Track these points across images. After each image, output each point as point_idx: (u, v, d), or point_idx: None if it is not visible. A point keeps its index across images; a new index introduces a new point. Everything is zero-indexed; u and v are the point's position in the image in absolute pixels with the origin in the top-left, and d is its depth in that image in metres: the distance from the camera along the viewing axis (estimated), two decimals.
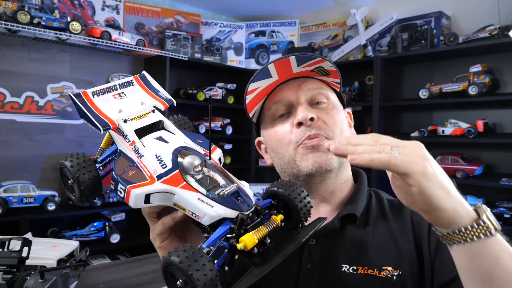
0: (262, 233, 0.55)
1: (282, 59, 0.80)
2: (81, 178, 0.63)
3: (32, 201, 2.73)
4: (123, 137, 0.66)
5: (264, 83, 0.85)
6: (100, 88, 0.69)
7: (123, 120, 0.66)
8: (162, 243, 0.70)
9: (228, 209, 0.56)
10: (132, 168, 0.62)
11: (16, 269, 1.11)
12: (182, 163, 0.60)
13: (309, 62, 0.82)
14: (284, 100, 0.86)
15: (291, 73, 0.84)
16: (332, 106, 0.88)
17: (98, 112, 0.65)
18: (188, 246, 0.49)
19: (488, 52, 2.86)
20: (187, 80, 3.81)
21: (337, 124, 0.85)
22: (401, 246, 0.81)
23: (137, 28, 3.49)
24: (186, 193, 0.57)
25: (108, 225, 3.04)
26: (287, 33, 4.04)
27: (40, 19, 2.69)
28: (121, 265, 1.75)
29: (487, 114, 2.90)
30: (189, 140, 0.67)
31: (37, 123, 3.03)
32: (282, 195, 0.64)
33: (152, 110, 0.70)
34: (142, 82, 0.75)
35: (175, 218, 0.65)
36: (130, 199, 0.58)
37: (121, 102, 0.69)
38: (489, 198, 2.82)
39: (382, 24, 3.26)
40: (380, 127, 3.21)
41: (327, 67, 0.84)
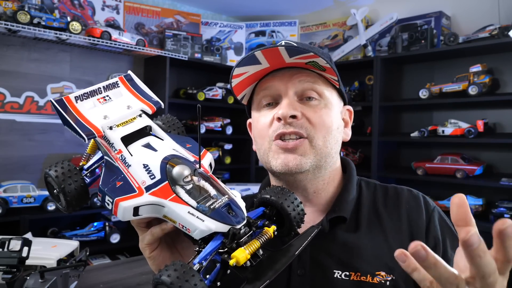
0: (254, 247, 0.54)
1: (270, 48, 0.75)
2: (66, 189, 0.60)
3: (32, 201, 2.73)
4: (109, 145, 0.63)
5: (253, 69, 0.80)
6: (84, 92, 0.65)
7: (108, 127, 0.63)
8: (152, 253, 0.68)
9: (219, 224, 0.54)
10: (120, 179, 0.59)
11: (16, 269, 1.11)
12: (171, 173, 0.57)
13: (302, 55, 0.76)
14: (272, 89, 0.82)
15: (283, 62, 0.79)
16: (323, 105, 0.81)
17: (82, 119, 0.62)
18: (179, 264, 0.48)
19: (488, 52, 2.86)
20: (187, 80, 3.81)
21: (324, 125, 0.80)
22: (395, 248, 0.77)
23: (137, 28, 3.49)
24: (176, 206, 0.55)
25: (108, 225, 3.04)
26: (287, 33, 4.04)
27: (40, 19, 2.69)
28: (121, 265, 1.75)
29: (487, 114, 2.90)
30: (178, 146, 0.64)
31: (37, 123, 3.03)
32: (275, 204, 0.62)
33: (139, 114, 0.67)
34: (128, 84, 0.71)
35: (164, 229, 0.62)
36: (118, 212, 0.56)
37: (106, 107, 0.65)
38: (489, 198, 2.82)
39: (382, 24, 3.26)
40: (380, 127, 3.21)
41: (321, 63, 0.78)
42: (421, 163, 3.01)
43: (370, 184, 0.91)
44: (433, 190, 3.09)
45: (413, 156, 3.24)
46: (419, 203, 0.84)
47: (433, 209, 0.84)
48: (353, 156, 3.48)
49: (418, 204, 0.84)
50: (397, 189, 0.88)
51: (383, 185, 0.91)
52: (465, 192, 3.08)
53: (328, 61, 0.77)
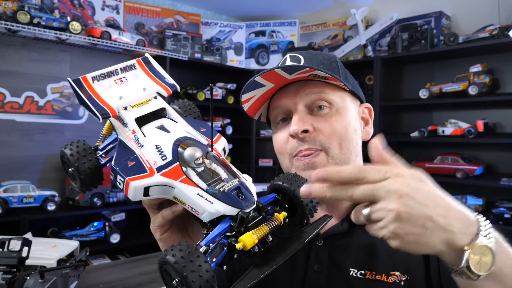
0: (262, 232, 0.53)
1: (268, 72, 0.77)
2: (80, 167, 0.61)
3: (32, 201, 2.73)
4: (124, 125, 0.63)
5: (260, 92, 0.83)
6: (101, 73, 0.65)
7: (123, 107, 0.63)
8: (163, 235, 0.68)
9: (228, 206, 0.54)
10: (132, 159, 0.59)
11: (16, 269, 1.11)
12: (182, 155, 0.57)
13: (300, 71, 0.77)
14: (283, 107, 0.84)
15: (286, 80, 0.81)
16: (335, 111, 0.82)
17: (98, 98, 0.62)
18: (184, 245, 0.48)
19: (488, 52, 2.86)
20: (187, 80, 3.81)
21: (337, 133, 0.80)
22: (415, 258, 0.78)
23: (137, 28, 3.49)
24: (186, 187, 0.55)
25: (108, 225, 3.04)
26: (287, 33, 4.04)
27: (40, 19, 2.69)
28: (121, 265, 1.75)
29: (487, 114, 2.90)
30: (192, 129, 0.64)
31: (37, 123, 3.03)
32: (287, 190, 0.61)
33: (154, 96, 0.67)
34: (145, 66, 0.71)
35: (175, 211, 0.63)
36: (129, 192, 0.56)
37: (122, 88, 0.66)
38: (489, 198, 2.82)
39: (382, 24, 3.26)
40: (380, 127, 3.21)
41: (321, 74, 0.78)
42: (421, 163, 3.01)
43: None
44: None
45: (413, 156, 3.24)
46: None
47: None
48: None
49: None
50: None
51: None
52: (465, 192, 3.09)
53: (326, 71, 0.76)
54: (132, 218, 3.36)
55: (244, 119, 3.99)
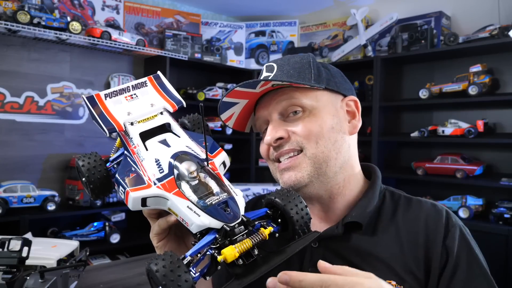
0: (245, 246, 0.55)
1: (231, 91, 0.80)
2: (91, 178, 0.66)
3: (32, 201, 2.73)
4: (129, 139, 0.68)
5: (237, 109, 0.85)
6: (113, 90, 0.71)
7: (130, 123, 0.68)
8: (159, 243, 0.72)
9: (213, 220, 0.56)
10: (134, 171, 0.64)
11: (16, 269, 1.11)
12: (178, 168, 0.61)
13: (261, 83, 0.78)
14: (262, 118, 0.86)
15: (256, 94, 0.82)
16: (308, 113, 0.81)
17: (108, 114, 0.68)
18: (168, 255, 0.50)
19: (488, 52, 2.86)
20: (187, 80, 3.81)
21: (311, 133, 0.80)
22: (409, 263, 0.77)
23: (137, 28, 3.49)
24: (178, 200, 0.58)
25: (108, 225, 3.04)
26: (287, 33, 4.04)
27: (40, 19, 2.69)
28: (121, 265, 1.75)
29: (487, 114, 2.90)
30: (194, 143, 0.68)
31: (37, 123, 3.03)
32: (278, 205, 0.63)
33: (160, 112, 0.71)
34: (155, 83, 0.76)
35: (169, 221, 0.66)
36: (129, 202, 0.60)
37: (131, 104, 0.71)
38: (489, 198, 2.82)
39: (382, 24, 3.26)
40: (380, 127, 3.21)
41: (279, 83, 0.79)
42: (421, 163, 3.01)
43: (395, 195, 0.90)
44: (433, 190, 3.09)
45: (413, 156, 3.24)
46: (439, 217, 0.82)
47: (454, 224, 0.82)
48: None
49: (439, 218, 0.82)
50: (421, 202, 0.87)
51: (408, 196, 0.90)
52: (465, 192, 3.10)
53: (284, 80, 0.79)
54: (132, 218, 3.36)
55: None
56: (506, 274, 2.48)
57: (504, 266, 2.49)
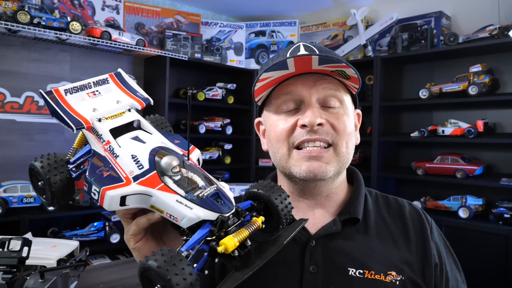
0: (243, 236, 0.54)
1: (305, 56, 0.76)
2: (52, 180, 0.60)
3: (32, 201, 2.73)
4: (97, 136, 0.63)
5: (278, 73, 0.80)
6: (73, 86, 0.66)
7: (97, 119, 0.63)
8: (137, 244, 0.67)
9: (208, 211, 0.54)
10: (107, 169, 0.59)
11: (16, 269, 1.11)
12: (159, 163, 0.58)
13: (331, 65, 0.77)
14: (295, 94, 0.81)
15: (309, 68, 0.79)
16: (343, 111, 0.83)
17: (71, 110, 0.62)
18: (166, 250, 0.48)
19: (488, 52, 2.86)
20: (187, 80, 3.81)
21: (346, 132, 0.82)
22: (404, 254, 0.82)
23: (137, 28, 3.49)
24: (164, 194, 0.55)
25: (108, 225, 3.04)
26: (287, 33, 4.04)
27: (40, 19, 2.69)
28: (121, 265, 1.75)
29: (487, 114, 2.90)
30: (167, 140, 0.65)
31: (37, 123, 3.03)
32: (262, 196, 0.62)
33: (128, 109, 0.67)
34: (117, 81, 0.71)
35: (151, 219, 0.62)
36: (105, 202, 0.56)
37: (95, 101, 0.66)
38: (489, 198, 2.82)
39: (382, 24, 3.26)
40: (380, 127, 3.21)
41: (349, 72, 0.79)
42: (421, 163, 3.01)
43: (372, 193, 0.94)
44: (433, 190, 3.09)
45: (413, 156, 3.24)
46: (420, 216, 0.89)
47: (431, 221, 0.90)
48: (353, 156, 3.47)
49: (420, 216, 0.89)
50: (397, 200, 0.93)
51: (383, 194, 0.95)
52: (465, 192, 3.09)
53: (355, 72, 0.78)
54: None
55: (244, 119, 3.99)
56: (506, 274, 2.48)
57: (504, 266, 2.49)
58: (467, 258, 2.68)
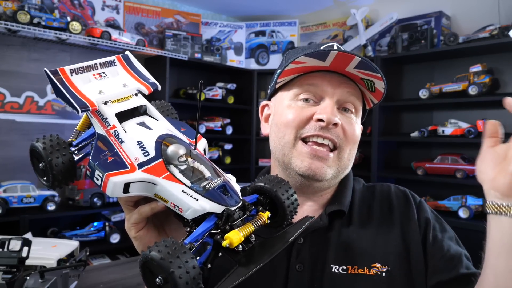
0: (248, 230, 0.53)
1: (348, 54, 0.75)
2: (53, 162, 0.57)
3: (32, 201, 2.73)
4: (103, 120, 0.60)
5: (314, 62, 0.79)
6: (80, 66, 0.63)
7: (103, 102, 0.60)
8: (138, 233, 0.66)
9: (214, 204, 0.53)
10: (111, 154, 0.57)
11: (16, 269, 1.11)
12: (166, 151, 0.56)
13: (367, 72, 0.78)
14: (319, 88, 0.81)
15: (343, 68, 0.79)
16: (355, 120, 0.84)
17: (77, 91, 0.59)
18: (170, 241, 0.46)
19: (488, 52, 2.86)
20: (187, 80, 3.81)
21: (353, 139, 0.83)
22: (388, 241, 0.81)
23: (137, 28, 3.49)
24: (169, 184, 0.54)
25: (108, 225, 3.04)
26: (287, 33, 4.04)
27: (40, 19, 2.68)
28: (121, 265, 1.75)
29: (487, 114, 2.90)
30: (173, 128, 0.63)
31: (37, 123, 3.03)
32: (269, 191, 0.61)
33: (135, 93, 0.65)
34: (125, 63, 0.69)
35: (154, 208, 0.61)
36: (108, 188, 0.54)
37: (101, 83, 0.63)
38: None
39: (382, 24, 3.26)
40: (380, 127, 3.21)
41: (378, 85, 0.80)
42: (421, 163, 3.01)
43: (360, 182, 0.95)
44: (433, 190, 3.09)
45: (413, 156, 3.24)
46: (407, 196, 0.89)
47: (419, 200, 0.89)
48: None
49: (406, 197, 0.89)
50: (383, 185, 0.93)
51: (370, 184, 0.96)
52: (465, 192, 3.09)
53: (384, 86, 0.79)
54: None
55: (244, 119, 3.99)
56: None
57: None
58: None
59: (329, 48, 0.80)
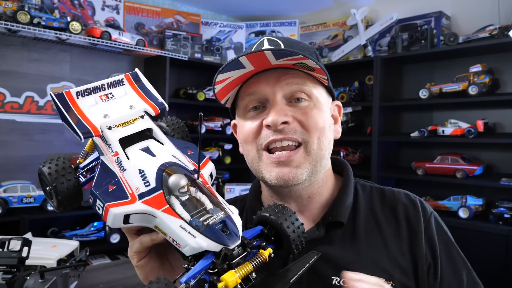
0: (246, 270, 0.51)
1: (256, 53, 0.70)
2: (58, 188, 0.57)
3: (32, 201, 2.73)
4: (107, 145, 0.60)
5: (237, 73, 0.75)
6: (86, 88, 0.62)
7: (107, 127, 0.60)
8: (140, 262, 0.65)
9: (211, 242, 0.51)
10: (113, 183, 0.57)
11: (16, 269, 1.11)
12: (167, 182, 0.54)
13: (289, 58, 0.72)
14: (259, 94, 0.77)
15: (268, 64, 0.74)
16: (313, 105, 0.77)
17: (81, 116, 0.59)
18: (163, 282, 0.46)
19: (488, 52, 2.86)
20: (187, 80, 3.81)
21: (317, 127, 0.76)
22: (395, 256, 0.77)
23: (137, 28, 3.49)
24: (168, 218, 0.52)
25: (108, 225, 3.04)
26: (287, 33, 4.04)
27: (40, 19, 2.69)
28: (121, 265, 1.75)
29: (487, 114, 2.90)
30: (179, 153, 0.62)
31: (37, 123, 3.03)
32: (274, 223, 0.59)
33: (141, 115, 0.64)
34: (133, 82, 0.68)
35: (154, 240, 0.60)
36: (108, 218, 0.54)
37: (107, 105, 0.62)
38: (489, 198, 2.82)
39: (382, 24, 3.26)
40: (380, 127, 3.21)
41: (311, 64, 0.73)
42: (421, 163, 3.01)
43: (366, 187, 0.88)
44: (433, 190, 3.09)
45: (413, 156, 3.24)
46: (417, 208, 0.82)
47: (430, 214, 0.83)
48: (353, 156, 3.48)
49: (416, 209, 0.82)
50: (394, 192, 0.86)
51: (379, 187, 0.88)
52: (465, 192, 3.09)
53: (316, 62, 0.72)
54: None
55: None
56: (506, 274, 2.48)
57: (504, 266, 2.49)
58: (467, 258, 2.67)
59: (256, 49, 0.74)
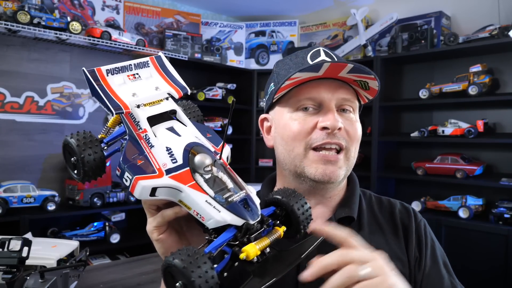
0: (264, 244, 0.55)
1: (340, 63, 0.79)
2: (86, 159, 0.60)
3: (32, 201, 2.73)
4: (135, 123, 0.63)
5: (306, 75, 0.82)
6: (115, 67, 0.65)
7: (136, 105, 0.63)
8: (160, 236, 0.68)
9: (235, 217, 0.55)
10: (141, 158, 0.60)
11: (16, 269, 1.11)
12: (193, 160, 0.58)
13: (360, 75, 0.81)
14: (317, 98, 0.84)
15: (336, 74, 0.82)
16: (356, 118, 0.87)
17: (112, 93, 0.62)
18: (192, 250, 0.49)
19: (488, 52, 2.86)
20: (187, 80, 3.68)
21: (356, 138, 0.86)
22: (395, 251, 0.85)
23: (137, 28, 3.49)
24: (194, 193, 0.56)
25: (108, 225, 3.04)
26: (287, 33, 4.04)
27: (40, 19, 2.69)
28: (121, 265, 1.75)
29: (487, 114, 2.90)
30: (200, 135, 0.65)
31: (37, 123, 3.03)
32: (285, 205, 0.63)
33: (166, 97, 0.67)
34: (157, 65, 0.71)
35: (178, 213, 0.63)
36: (136, 190, 0.57)
37: (135, 85, 0.66)
38: (489, 198, 2.82)
39: (382, 24, 3.26)
40: (380, 127, 3.21)
41: (372, 84, 0.83)
42: (421, 163, 3.01)
43: (366, 193, 0.98)
44: (433, 190, 3.09)
45: (413, 156, 3.24)
46: (410, 214, 0.93)
47: (420, 219, 0.94)
48: None
49: (409, 214, 0.93)
50: (390, 200, 0.97)
51: (377, 196, 0.99)
52: (465, 192, 3.09)
53: (378, 85, 0.83)
54: (132, 218, 3.36)
55: (244, 119, 3.99)
56: (506, 274, 2.48)
57: (504, 266, 2.49)
58: (467, 258, 2.68)
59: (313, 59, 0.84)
